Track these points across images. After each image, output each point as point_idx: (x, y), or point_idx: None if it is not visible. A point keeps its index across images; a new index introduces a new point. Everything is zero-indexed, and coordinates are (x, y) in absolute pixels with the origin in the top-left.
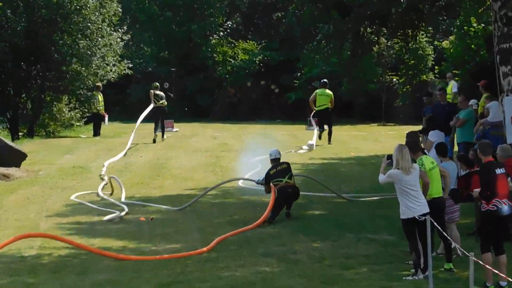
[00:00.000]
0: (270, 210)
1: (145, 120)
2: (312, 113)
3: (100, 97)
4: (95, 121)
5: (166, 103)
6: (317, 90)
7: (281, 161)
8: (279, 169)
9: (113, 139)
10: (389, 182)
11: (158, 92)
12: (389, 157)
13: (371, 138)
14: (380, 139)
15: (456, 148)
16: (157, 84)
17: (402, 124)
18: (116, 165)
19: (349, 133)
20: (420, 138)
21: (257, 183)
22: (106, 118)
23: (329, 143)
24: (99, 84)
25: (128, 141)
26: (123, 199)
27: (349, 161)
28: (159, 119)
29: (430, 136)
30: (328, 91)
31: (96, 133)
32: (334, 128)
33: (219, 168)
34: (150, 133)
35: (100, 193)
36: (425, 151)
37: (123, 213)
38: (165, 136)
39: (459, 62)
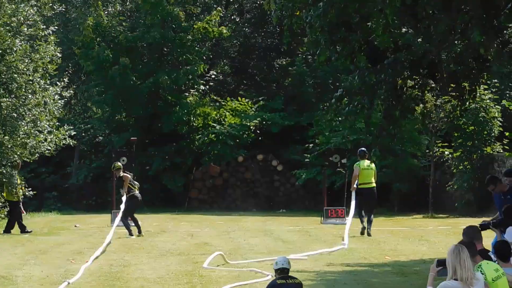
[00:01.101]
0: None
1: (94, 210)
2: (354, 191)
3: (19, 179)
4: (16, 213)
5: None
6: (358, 162)
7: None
8: (290, 283)
9: (48, 238)
10: None
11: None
12: (441, 263)
13: (414, 236)
14: (427, 237)
15: None
16: (120, 164)
17: (458, 215)
18: (50, 275)
19: (383, 228)
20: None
21: None
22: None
23: (368, 234)
24: (18, 161)
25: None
26: None
27: (384, 269)
28: (135, 210)
29: (507, 234)
30: (371, 163)
31: (23, 229)
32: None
33: (198, 279)
34: (100, 228)
35: None
36: (491, 254)
37: None
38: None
39: None
